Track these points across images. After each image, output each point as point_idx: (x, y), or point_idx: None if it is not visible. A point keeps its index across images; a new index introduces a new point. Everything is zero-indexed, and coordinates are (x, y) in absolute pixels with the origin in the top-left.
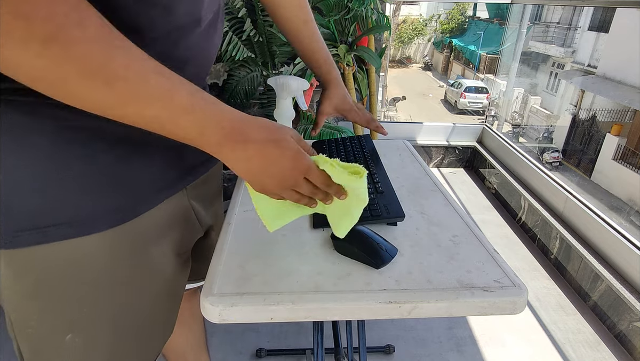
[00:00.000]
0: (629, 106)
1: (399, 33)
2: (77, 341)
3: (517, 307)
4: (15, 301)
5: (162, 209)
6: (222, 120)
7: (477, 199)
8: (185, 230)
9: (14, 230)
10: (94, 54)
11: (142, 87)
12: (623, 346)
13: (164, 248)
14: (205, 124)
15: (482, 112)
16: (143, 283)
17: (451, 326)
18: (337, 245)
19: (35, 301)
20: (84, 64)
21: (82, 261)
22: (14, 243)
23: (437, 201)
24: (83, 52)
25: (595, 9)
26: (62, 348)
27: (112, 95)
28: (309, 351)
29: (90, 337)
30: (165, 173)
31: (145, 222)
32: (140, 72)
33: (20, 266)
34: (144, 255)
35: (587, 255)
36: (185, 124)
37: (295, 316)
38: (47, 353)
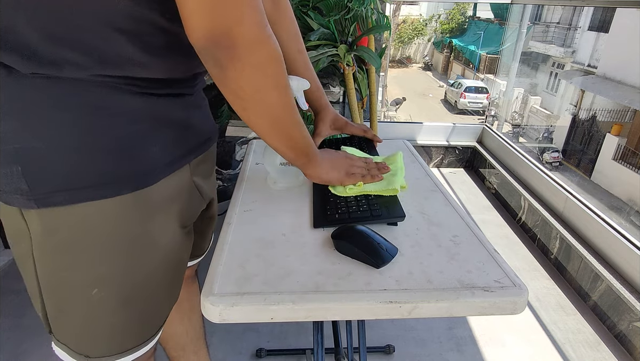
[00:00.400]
0: (629, 106)
1: (399, 33)
2: (102, 295)
3: (517, 307)
4: (46, 257)
5: (171, 181)
6: (316, 157)
7: (477, 199)
8: (190, 202)
9: (50, 190)
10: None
11: (299, 141)
12: (623, 346)
13: (171, 216)
14: (311, 161)
15: (482, 112)
16: (154, 245)
17: (451, 326)
18: (338, 245)
19: (66, 256)
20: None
21: (106, 221)
22: (49, 202)
23: (437, 201)
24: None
25: (595, 9)
26: (88, 302)
27: (281, 137)
28: (309, 351)
29: (113, 292)
30: (175, 148)
31: (156, 191)
32: (300, 128)
33: (52, 224)
34: (156, 220)
35: (587, 255)
36: (302, 160)
37: (296, 316)
38: (73, 307)
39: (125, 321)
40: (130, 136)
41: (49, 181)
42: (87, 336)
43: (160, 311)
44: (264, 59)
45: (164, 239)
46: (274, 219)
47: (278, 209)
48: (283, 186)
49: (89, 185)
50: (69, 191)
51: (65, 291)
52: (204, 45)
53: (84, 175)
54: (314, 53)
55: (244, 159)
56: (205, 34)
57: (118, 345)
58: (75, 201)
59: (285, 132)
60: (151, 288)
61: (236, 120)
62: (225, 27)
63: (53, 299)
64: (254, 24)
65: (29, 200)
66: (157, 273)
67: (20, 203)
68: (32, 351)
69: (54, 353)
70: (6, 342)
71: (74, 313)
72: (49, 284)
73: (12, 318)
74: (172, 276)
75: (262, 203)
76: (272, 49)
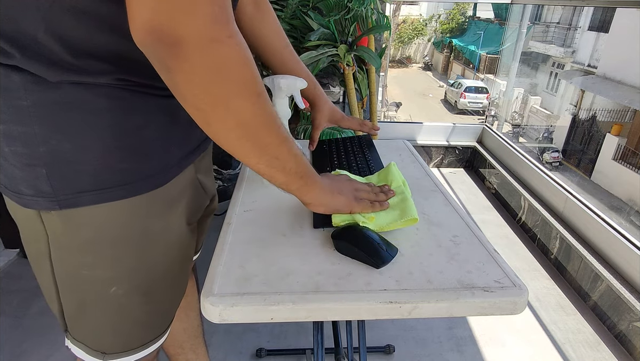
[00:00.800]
0: (629, 106)
1: (399, 33)
2: (119, 293)
3: (517, 307)
4: (66, 256)
5: (181, 179)
6: (314, 178)
7: (477, 199)
8: (195, 198)
9: (76, 191)
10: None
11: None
12: (623, 346)
13: (181, 212)
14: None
15: (482, 112)
16: (168, 241)
17: (451, 326)
18: (338, 245)
19: (87, 255)
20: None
21: (126, 219)
22: (75, 203)
23: (437, 201)
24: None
25: (595, 9)
26: (107, 299)
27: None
28: (309, 351)
29: (132, 288)
30: (185, 145)
31: (170, 188)
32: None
33: (75, 224)
34: (170, 216)
35: (587, 255)
36: (296, 184)
37: (296, 316)
38: (94, 305)
39: (142, 316)
40: (150, 136)
41: (75, 182)
42: (105, 333)
43: (172, 305)
44: (222, 60)
45: (176, 235)
46: (274, 219)
47: (278, 209)
48: None
49: (113, 185)
50: (96, 192)
51: (86, 290)
52: (144, 40)
53: (109, 175)
54: (314, 53)
55: None
56: (145, 24)
57: (135, 340)
58: (101, 201)
59: (266, 151)
60: (165, 283)
61: None
62: (169, 18)
63: (72, 298)
64: (207, 15)
65: (51, 202)
66: (172, 267)
67: (41, 205)
68: (32, 351)
69: (55, 353)
70: (6, 342)
71: (94, 311)
72: (68, 283)
73: (12, 318)
74: (182, 271)
75: (262, 203)
76: (236, 50)
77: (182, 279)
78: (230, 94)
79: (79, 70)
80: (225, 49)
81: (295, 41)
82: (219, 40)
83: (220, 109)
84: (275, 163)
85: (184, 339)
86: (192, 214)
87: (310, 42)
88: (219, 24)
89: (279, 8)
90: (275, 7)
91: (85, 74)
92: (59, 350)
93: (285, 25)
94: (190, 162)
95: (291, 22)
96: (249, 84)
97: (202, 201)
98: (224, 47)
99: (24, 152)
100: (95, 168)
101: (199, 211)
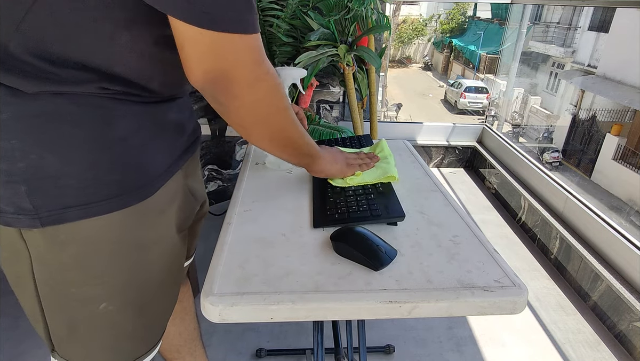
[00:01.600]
0: (629, 106)
1: (399, 33)
2: (110, 309)
3: (517, 307)
4: (51, 275)
5: (168, 186)
6: (319, 154)
7: (477, 199)
8: (185, 205)
9: (61, 207)
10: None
11: (304, 147)
12: (623, 346)
13: (171, 220)
14: (315, 160)
15: (482, 112)
16: (158, 251)
17: (451, 326)
18: (337, 247)
19: (74, 272)
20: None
21: (116, 233)
22: (59, 219)
23: (437, 201)
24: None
25: (595, 9)
26: (98, 316)
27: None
28: (309, 351)
29: (121, 304)
30: (172, 152)
31: (158, 198)
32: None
33: (59, 241)
34: (159, 226)
35: (587, 255)
36: (307, 160)
37: (296, 316)
38: (83, 323)
39: (135, 330)
40: (136, 144)
41: (59, 198)
42: (97, 351)
43: (165, 315)
44: (262, 94)
45: (167, 244)
46: (274, 219)
47: (278, 209)
48: (285, 167)
49: (100, 199)
50: (82, 207)
51: (74, 308)
52: (202, 87)
53: (96, 189)
54: (314, 53)
55: (244, 159)
56: (203, 76)
57: (127, 355)
58: (88, 216)
59: (290, 145)
60: (158, 294)
61: None
62: (222, 70)
63: (60, 318)
64: (251, 63)
65: (33, 219)
66: (165, 278)
67: (22, 223)
68: (32, 351)
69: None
70: (6, 342)
71: (85, 329)
72: (55, 303)
73: (12, 318)
74: (173, 280)
75: (262, 203)
76: (271, 83)
77: (175, 289)
78: (269, 114)
79: (58, 80)
80: (265, 84)
81: (295, 41)
82: (261, 79)
83: (261, 125)
84: (296, 152)
85: (181, 343)
86: (183, 222)
87: (310, 42)
88: (259, 65)
89: (279, 8)
90: (275, 7)
91: (65, 84)
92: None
93: (285, 25)
94: (178, 167)
95: (291, 22)
96: (280, 103)
97: (192, 207)
98: (265, 83)
99: (2, 169)
100: (80, 182)
101: (189, 217)
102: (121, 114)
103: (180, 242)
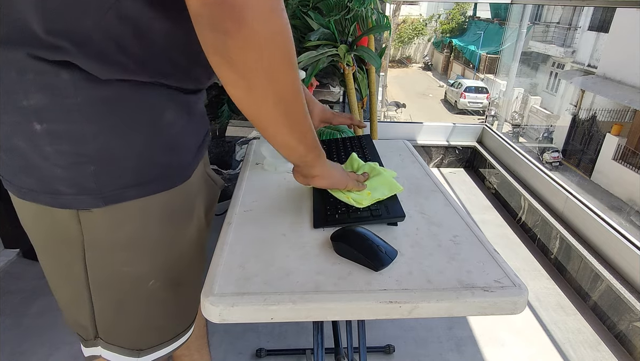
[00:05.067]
0: (629, 106)
1: (399, 33)
2: (157, 285)
3: (517, 307)
4: (105, 256)
5: (197, 172)
6: (323, 152)
7: (477, 199)
8: (208, 190)
9: (121, 187)
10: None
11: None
12: (623, 346)
13: (201, 203)
14: (316, 160)
15: (482, 112)
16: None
17: (451, 326)
18: (337, 247)
19: (127, 251)
20: None
21: (162, 211)
22: (119, 198)
23: (437, 201)
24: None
25: (595, 9)
26: (145, 294)
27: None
28: (309, 351)
29: (164, 280)
30: (197, 141)
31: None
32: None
33: (118, 220)
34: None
35: (587, 255)
36: (312, 154)
37: (296, 316)
38: (131, 302)
39: (176, 307)
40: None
41: (120, 178)
42: (142, 329)
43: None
44: (277, 29)
45: (197, 224)
46: (274, 219)
47: (278, 209)
48: (284, 169)
49: (153, 179)
50: (138, 186)
51: (124, 287)
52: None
53: (150, 170)
54: (314, 53)
55: (244, 159)
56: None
57: (168, 333)
58: (145, 194)
59: (296, 120)
60: (192, 271)
61: (236, 120)
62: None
63: (109, 299)
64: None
65: (96, 199)
66: (196, 256)
67: (84, 203)
68: (32, 351)
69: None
70: (6, 342)
71: (133, 307)
72: (106, 284)
73: (12, 318)
74: (203, 258)
75: (262, 203)
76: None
77: (202, 267)
78: (278, 63)
79: (127, 69)
80: (281, 20)
81: (295, 41)
82: (277, 11)
83: (266, 76)
84: (300, 134)
85: (191, 340)
86: (209, 206)
87: (310, 42)
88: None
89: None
90: None
91: (131, 72)
92: (59, 350)
93: None
94: (202, 154)
95: (291, 22)
96: (292, 55)
97: (215, 192)
98: (280, 19)
99: (70, 151)
100: (138, 163)
101: (214, 202)
102: (168, 102)
103: (205, 225)
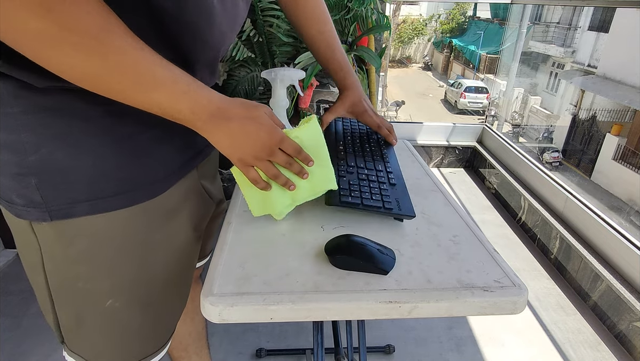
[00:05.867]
0: (629, 106)
1: (399, 33)
2: (116, 305)
3: (517, 307)
4: (60, 268)
5: (181, 186)
6: (210, 101)
7: (477, 199)
8: (200, 205)
9: (70, 202)
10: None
11: (147, 77)
12: (623, 346)
13: (183, 220)
14: (197, 105)
15: (482, 112)
16: (168, 250)
17: (451, 326)
18: (337, 261)
19: (82, 267)
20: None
21: (123, 229)
22: (68, 214)
23: (437, 201)
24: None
25: (595, 9)
26: (104, 312)
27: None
28: (309, 351)
29: (127, 301)
30: (184, 153)
31: (170, 196)
32: (142, 62)
33: (68, 235)
34: (169, 224)
35: (587, 255)
36: (181, 106)
37: (296, 316)
38: (89, 318)
39: (142, 328)
40: (148, 141)
41: (68, 192)
42: (104, 346)
43: (173, 316)
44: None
45: (177, 245)
46: (274, 219)
47: None
48: None
49: (110, 194)
50: (90, 202)
51: (81, 302)
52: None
53: (105, 184)
54: None
55: None
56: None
57: (135, 353)
58: (97, 212)
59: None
60: (166, 294)
61: None
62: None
63: (68, 310)
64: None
65: (42, 213)
66: (173, 277)
67: (33, 215)
68: (32, 351)
69: (54, 353)
70: (6, 342)
71: (92, 323)
72: (63, 296)
73: (12, 318)
74: (184, 279)
75: None
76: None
77: (184, 290)
78: None
79: None
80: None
81: (295, 41)
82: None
83: None
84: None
85: (189, 342)
86: (198, 223)
87: None
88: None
89: (279, 8)
90: (275, 7)
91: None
92: (59, 350)
93: (285, 25)
94: (192, 167)
95: None
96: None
97: (207, 208)
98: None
99: (13, 161)
100: (90, 177)
101: (204, 218)
102: (132, 110)
103: (193, 242)
